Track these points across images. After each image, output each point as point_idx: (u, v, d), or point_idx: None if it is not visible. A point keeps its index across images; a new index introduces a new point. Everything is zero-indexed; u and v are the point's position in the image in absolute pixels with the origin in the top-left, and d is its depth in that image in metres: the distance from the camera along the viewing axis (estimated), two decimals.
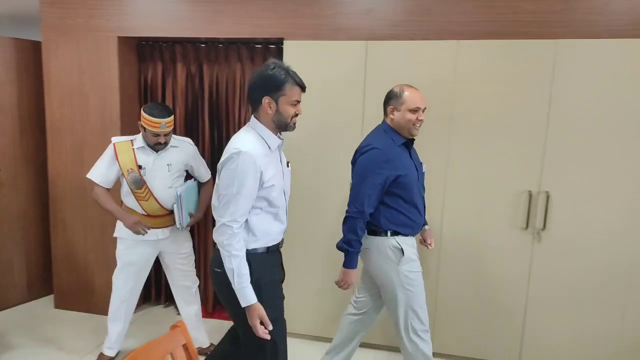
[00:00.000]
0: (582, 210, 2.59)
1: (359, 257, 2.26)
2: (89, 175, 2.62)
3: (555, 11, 2.54)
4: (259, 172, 1.78)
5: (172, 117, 2.57)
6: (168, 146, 2.62)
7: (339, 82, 2.79)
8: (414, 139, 2.30)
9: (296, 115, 1.89)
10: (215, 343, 2.94)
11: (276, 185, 1.86)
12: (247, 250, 1.83)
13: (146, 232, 2.57)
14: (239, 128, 3.19)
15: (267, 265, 1.89)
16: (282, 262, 2.05)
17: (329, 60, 2.79)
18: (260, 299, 1.81)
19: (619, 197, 2.54)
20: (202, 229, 3.41)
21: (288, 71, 1.85)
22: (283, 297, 2.00)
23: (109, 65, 3.14)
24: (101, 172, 2.60)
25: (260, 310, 1.79)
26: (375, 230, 2.25)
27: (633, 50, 2.43)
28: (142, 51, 3.31)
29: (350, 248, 2.18)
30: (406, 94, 2.22)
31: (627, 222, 2.55)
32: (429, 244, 2.48)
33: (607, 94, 2.49)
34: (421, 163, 2.38)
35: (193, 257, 2.85)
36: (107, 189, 2.62)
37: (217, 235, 1.79)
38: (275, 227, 1.93)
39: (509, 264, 2.72)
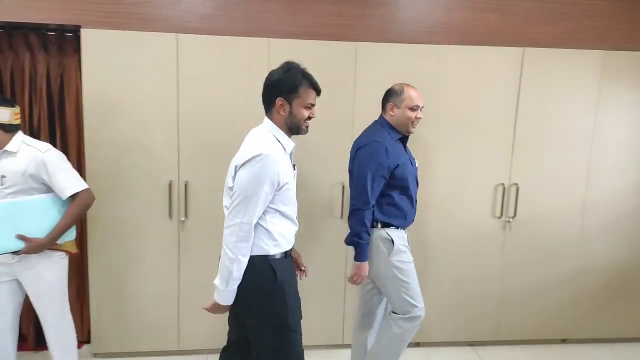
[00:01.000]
0: None
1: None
2: None
3: (354, 16, 2.77)
4: (278, 175, 1.75)
5: None
6: (1, 151, 2.11)
7: (147, 76, 2.61)
8: (408, 136, 2.37)
9: (309, 118, 1.88)
10: None
11: (291, 189, 1.85)
12: (268, 256, 1.80)
13: None
14: (30, 126, 2.77)
15: (287, 270, 1.87)
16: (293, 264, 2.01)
17: (136, 53, 2.59)
18: (285, 303, 1.82)
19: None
20: None
21: (304, 73, 1.84)
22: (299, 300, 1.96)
23: None
24: None
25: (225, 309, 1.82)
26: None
27: (417, 54, 2.77)
28: None
29: (361, 240, 2.22)
30: (406, 92, 2.30)
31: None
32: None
33: None
34: (414, 159, 2.43)
35: (59, 288, 2.29)
36: None
37: (226, 235, 1.74)
38: (291, 230, 1.91)
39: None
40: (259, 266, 1.79)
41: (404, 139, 2.37)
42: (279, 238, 1.83)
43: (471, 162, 2.91)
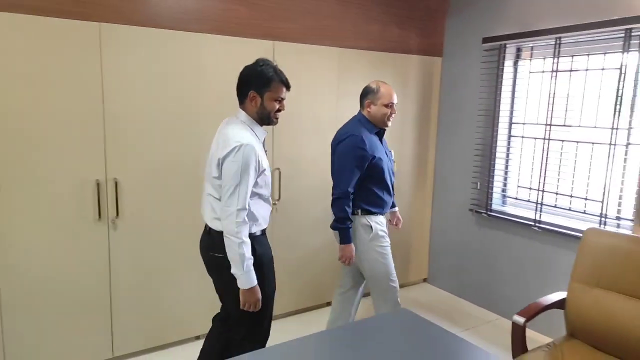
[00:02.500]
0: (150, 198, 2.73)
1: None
2: None
3: None
4: (258, 161, 1.94)
5: None
6: None
7: None
8: (384, 130, 2.64)
9: (279, 110, 2.07)
10: None
11: (267, 175, 2.05)
12: (250, 234, 1.98)
13: None
14: None
15: (264, 246, 2.10)
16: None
17: None
18: (262, 276, 2.03)
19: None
20: None
21: (275, 70, 2.02)
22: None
23: None
24: None
25: (259, 292, 1.98)
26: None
27: (171, 40, 2.68)
28: None
29: (343, 225, 2.47)
30: (382, 90, 2.54)
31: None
32: (395, 224, 2.93)
33: (153, 78, 2.66)
34: (390, 151, 2.70)
35: None
36: None
37: (227, 224, 1.91)
38: (268, 210, 2.13)
39: None
40: None
41: (380, 133, 2.62)
42: (260, 219, 2.05)
43: None
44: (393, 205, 2.86)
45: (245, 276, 1.93)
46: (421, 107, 3.85)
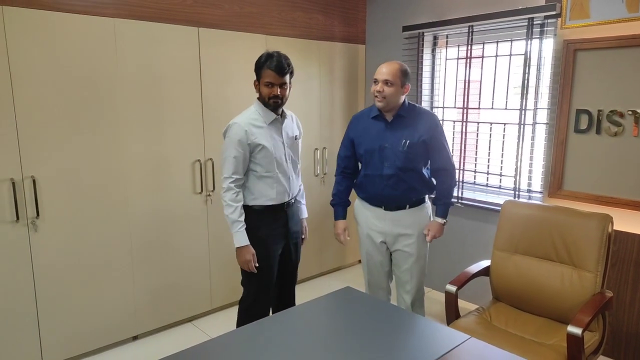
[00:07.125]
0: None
1: None
2: None
3: None
4: (248, 139, 2.17)
5: None
6: None
7: None
8: (400, 115, 2.32)
9: (275, 96, 2.17)
10: None
11: (267, 154, 2.21)
12: (245, 205, 2.23)
13: None
14: None
15: (260, 221, 2.26)
16: (286, 220, 2.34)
17: None
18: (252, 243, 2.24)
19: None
20: None
21: (267, 57, 2.16)
22: (273, 250, 2.32)
23: None
24: None
25: (247, 254, 2.20)
26: None
27: (82, 25, 2.50)
28: None
29: (331, 202, 2.61)
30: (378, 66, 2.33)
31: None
32: (425, 233, 2.47)
33: (63, 67, 2.48)
34: (403, 140, 2.30)
35: None
36: None
37: (221, 189, 2.22)
38: (274, 189, 2.26)
39: None
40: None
41: (382, 117, 2.35)
42: (256, 193, 2.24)
43: (167, 141, 2.87)
44: (440, 213, 2.50)
45: (234, 236, 2.19)
46: (348, 92, 3.94)
